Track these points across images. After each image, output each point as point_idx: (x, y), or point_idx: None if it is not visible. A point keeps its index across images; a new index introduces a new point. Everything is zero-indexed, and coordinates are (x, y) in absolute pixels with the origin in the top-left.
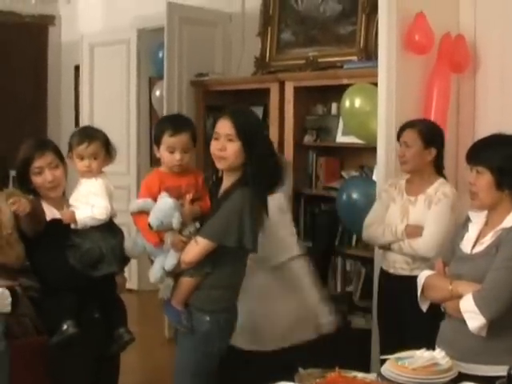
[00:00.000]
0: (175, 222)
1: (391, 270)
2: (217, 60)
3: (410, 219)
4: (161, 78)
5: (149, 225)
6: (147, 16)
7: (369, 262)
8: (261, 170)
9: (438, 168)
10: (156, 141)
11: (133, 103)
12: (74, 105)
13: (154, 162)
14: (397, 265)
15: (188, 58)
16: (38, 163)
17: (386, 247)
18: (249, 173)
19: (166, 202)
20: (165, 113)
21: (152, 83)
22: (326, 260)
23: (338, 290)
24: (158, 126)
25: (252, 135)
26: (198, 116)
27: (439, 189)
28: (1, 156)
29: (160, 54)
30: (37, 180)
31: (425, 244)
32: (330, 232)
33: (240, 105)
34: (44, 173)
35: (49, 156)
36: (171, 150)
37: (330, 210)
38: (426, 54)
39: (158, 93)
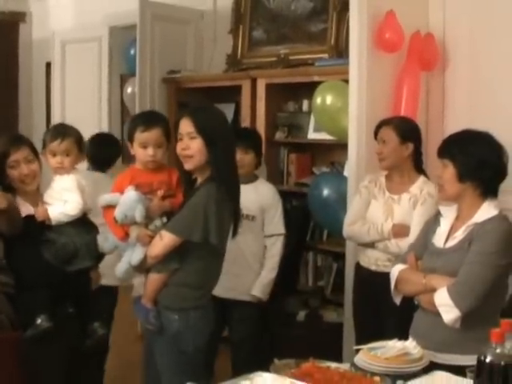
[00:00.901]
0: (138, 214)
1: (373, 267)
2: (189, 57)
3: (395, 218)
4: (132, 75)
5: (114, 218)
6: (119, 13)
7: (340, 257)
8: (225, 164)
9: (417, 164)
10: (129, 138)
11: (104, 100)
12: (46, 102)
13: (125, 158)
14: (379, 262)
15: (160, 55)
16: (14, 157)
17: (369, 245)
18: (212, 169)
19: (129, 195)
20: (137, 110)
21: (124, 80)
22: (297, 255)
23: (310, 284)
24: (131, 123)
25: (213, 130)
26: (170, 113)
27: (423, 188)
28: None
29: (132, 51)
30: (13, 173)
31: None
32: (302, 227)
33: (205, 102)
34: (20, 166)
35: (24, 150)
36: (144, 146)
37: (302, 205)
38: (396, 52)
39: (129, 90)
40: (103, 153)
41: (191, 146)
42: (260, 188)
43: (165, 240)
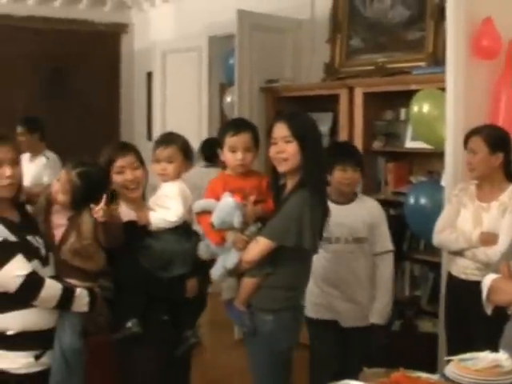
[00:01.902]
0: (236, 220)
1: (462, 276)
2: (286, 66)
3: (483, 226)
4: (231, 84)
5: (211, 224)
6: (218, 23)
7: (436, 267)
8: (317, 169)
9: (508, 173)
10: (220, 144)
11: (204, 109)
12: (147, 111)
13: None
14: (468, 271)
15: (258, 64)
16: (119, 163)
17: (458, 253)
18: (305, 174)
19: (227, 201)
20: None
21: (223, 89)
22: (394, 264)
23: (406, 294)
24: (221, 129)
25: (307, 136)
26: (268, 121)
27: None
28: None
29: (230, 61)
30: (118, 179)
31: (501, 252)
32: (399, 237)
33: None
34: (125, 172)
35: (131, 157)
36: (233, 150)
37: (399, 214)
38: (493, 59)
39: (228, 99)
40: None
41: (286, 150)
42: (365, 205)
43: (260, 245)
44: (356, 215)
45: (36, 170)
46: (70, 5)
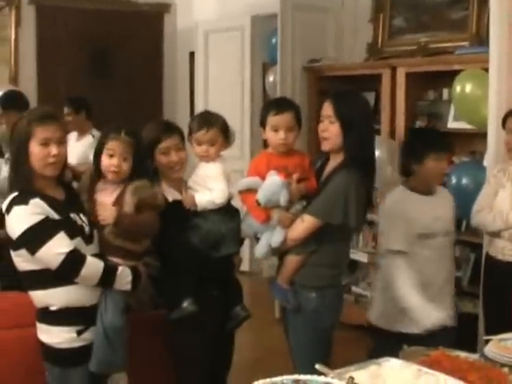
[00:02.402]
0: (283, 199)
1: (499, 256)
2: (329, 46)
3: None
4: (274, 63)
5: (257, 201)
6: (260, 2)
7: (478, 248)
8: (360, 150)
9: None
10: (261, 123)
11: (247, 89)
12: (189, 90)
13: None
14: (506, 251)
15: (301, 43)
16: (165, 143)
17: (496, 234)
18: (350, 153)
19: (274, 179)
20: None
21: (265, 69)
22: None
23: None
24: (263, 108)
25: (351, 117)
26: (311, 100)
27: None
28: None
29: (273, 40)
30: (163, 159)
31: None
32: None
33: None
34: (170, 153)
35: (175, 138)
36: (275, 129)
37: None
38: None
39: (271, 78)
40: None
41: (329, 129)
42: (447, 195)
43: (306, 223)
44: (445, 206)
45: (82, 148)
46: None
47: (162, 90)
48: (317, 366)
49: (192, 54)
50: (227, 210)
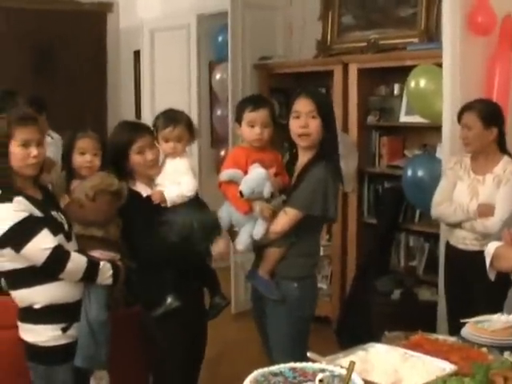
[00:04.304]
0: (266, 191)
1: (461, 246)
2: (278, 43)
3: (479, 198)
4: (220, 61)
5: (240, 193)
6: (206, 1)
7: (432, 238)
8: (335, 144)
9: (501, 145)
10: (237, 118)
11: (193, 87)
12: (134, 89)
13: (215, 143)
14: (467, 241)
15: (251, 41)
16: (139, 143)
17: (457, 225)
18: (326, 148)
19: (258, 171)
20: (229, 96)
21: (212, 67)
22: (390, 236)
23: (402, 264)
24: (239, 104)
25: (330, 112)
26: None
27: (507, 167)
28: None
29: (219, 39)
30: (138, 159)
31: (497, 222)
32: (395, 209)
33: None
34: (145, 152)
35: (148, 137)
36: (251, 125)
37: (394, 187)
38: (488, 35)
39: (218, 76)
40: None
41: (311, 125)
42: None
43: (289, 216)
44: None
45: None
46: None
47: (105, 89)
48: (309, 354)
49: (137, 53)
50: (196, 202)
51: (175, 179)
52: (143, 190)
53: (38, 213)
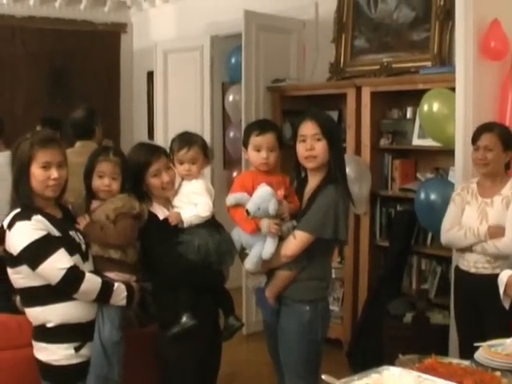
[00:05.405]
0: (271, 207)
1: (472, 270)
2: (292, 66)
3: (489, 220)
4: (233, 83)
5: (246, 211)
6: (220, 23)
7: (444, 261)
8: (343, 165)
9: (507, 168)
10: (244, 143)
11: (206, 108)
12: (147, 110)
13: (228, 164)
14: (479, 264)
15: (264, 63)
16: (155, 166)
17: (467, 249)
18: (334, 169)
19: (264, 189)
20: (243, 117)
21: (225, 88)
22: (402, 259)
23: (413, 287)
24: (246, 128)
25: (334, 133)
26: (275, 120)
27: None
28: None
29: (233, 60)
30: (155, 182)
31: (509, 243)
32: (407, 232)
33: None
34: (161, 175)
35: (164, 159)
36: (258, 149)
37: (407, 210)
38: (501, 60)
39: (231, 98)
40: None
41: (317, 147)
42: None
43: (299, 239)
44: None
45: None
46: (70, 5)
47: (118, 109)
48: (323, 377)
49: (150, 74)
50: (212, 224)
51: (191, 200)
52: (160, 211)
53: (56, 232)
